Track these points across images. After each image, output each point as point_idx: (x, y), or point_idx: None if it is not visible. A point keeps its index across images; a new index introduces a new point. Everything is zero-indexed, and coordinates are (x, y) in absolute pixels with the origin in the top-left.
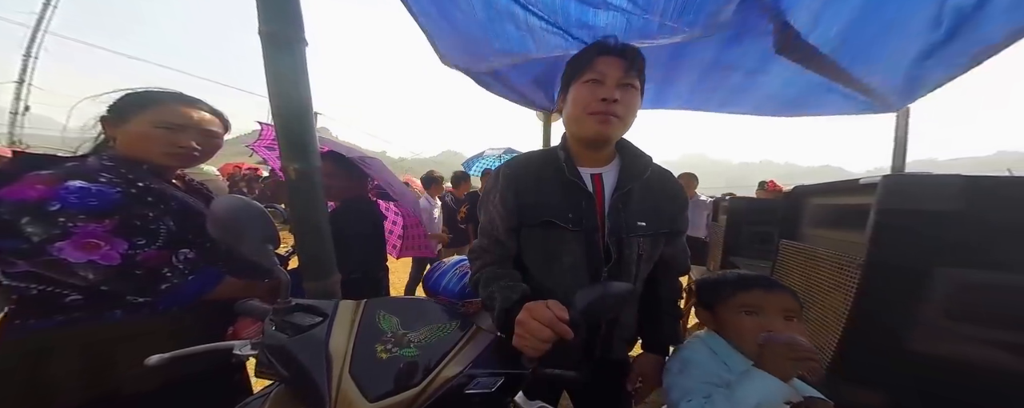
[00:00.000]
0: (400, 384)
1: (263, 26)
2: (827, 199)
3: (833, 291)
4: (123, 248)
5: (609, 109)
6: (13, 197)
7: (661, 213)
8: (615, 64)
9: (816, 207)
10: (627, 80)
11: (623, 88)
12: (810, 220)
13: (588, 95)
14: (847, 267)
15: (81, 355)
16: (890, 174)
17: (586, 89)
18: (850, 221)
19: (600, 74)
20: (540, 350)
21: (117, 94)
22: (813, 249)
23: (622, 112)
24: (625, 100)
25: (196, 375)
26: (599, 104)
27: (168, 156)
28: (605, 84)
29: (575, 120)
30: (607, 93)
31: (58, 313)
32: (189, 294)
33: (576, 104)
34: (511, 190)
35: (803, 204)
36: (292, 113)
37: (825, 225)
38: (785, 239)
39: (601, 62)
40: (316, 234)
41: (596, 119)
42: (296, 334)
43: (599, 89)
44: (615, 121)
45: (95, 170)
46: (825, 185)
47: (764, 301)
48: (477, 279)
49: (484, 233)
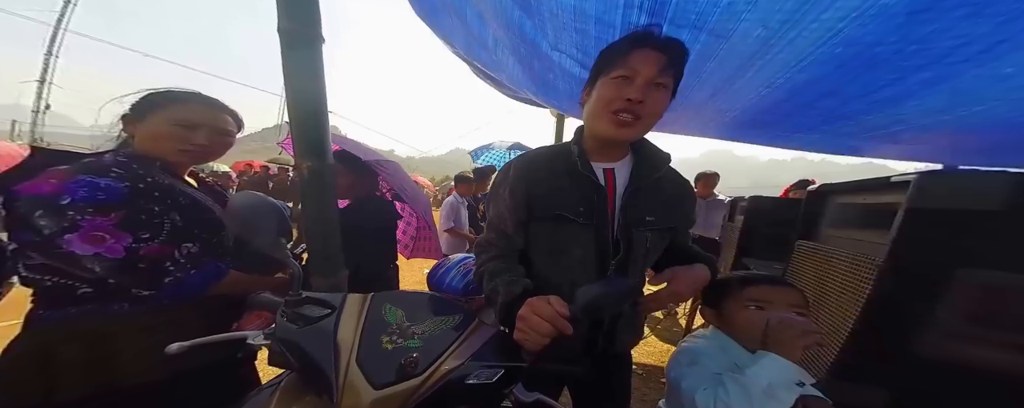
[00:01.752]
0: (404, 373)
1: (282, 23)
2: (852, 198)
3: (845, 292)
4: (127, 242)
5: (632, 109)
6: (29, 191)
7: (670, 209)
8: (651, 60)
9: (839, 206)
10: (660, 79)
11: (653, 88)
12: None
13: (614, 93)
14: (864, 268)
15: (90, 345)
16: (926, 171)
17: (614, 86)
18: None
19: (632, 71)
20: (540, 344)
21: (139, 94)
22: (829, 249)
23: (645, 114)
24: (651, 101)
25: (200, 367)
26: (623, 104)
27: (181, 153)
28: (634, 82)
29: (595, 117)
30: (634, 93)
31: (71, 304)
32: (192, 287)
33: (599, 100)
34: (522, 183)
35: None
36: (307, 111)
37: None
38: (802, 240)
39: (636, 57)
40: (326, 231)
41: (615, 121)
42: (306, 325)
43: (627, 87)
44: (635, 124)
45: (107, 166)
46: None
47: (772, 295)
48: (482, 272)
49: (491, 227)
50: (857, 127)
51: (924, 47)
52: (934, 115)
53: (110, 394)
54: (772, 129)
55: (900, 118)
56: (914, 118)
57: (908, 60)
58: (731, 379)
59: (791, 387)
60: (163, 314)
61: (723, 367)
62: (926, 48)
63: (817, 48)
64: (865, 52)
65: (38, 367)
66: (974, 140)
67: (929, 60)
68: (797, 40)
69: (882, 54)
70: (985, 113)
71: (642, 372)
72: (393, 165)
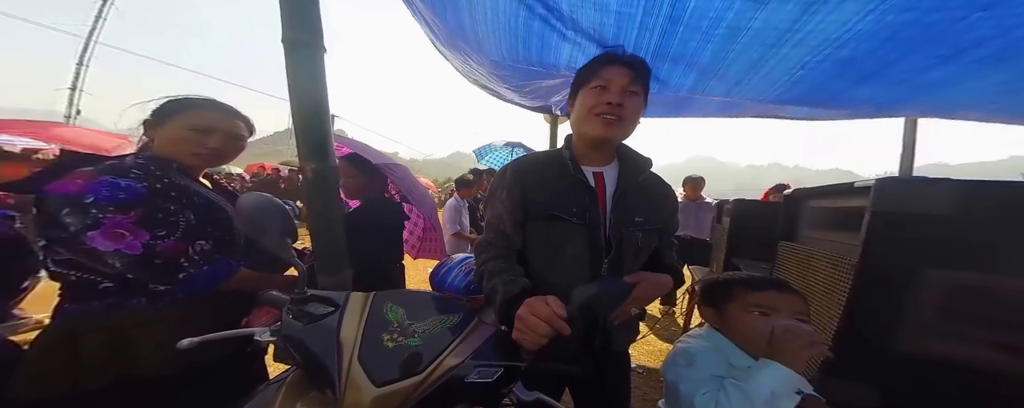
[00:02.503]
0: (405, 371)
1: (286, 34)
2: (824, 202)
3: (829, 292)
4: (144, 239)
5: (613, 111)
6: (57, 191)
7: (655, 211)
8: (621, 73)
9: (814, 210)
10: (632, 87)
11: (627, 94)
12: (808, 222)
13: (595, 99)
14: (842, 268)
15: (110, 339)
16: (883, 177)
17: (593, 94)
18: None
19: (606, 81)
20: (537, 344)
21: (161, 101)
22: (810, 250)
23: (625, 115)
24: (629, 105)
25: (215, 361)
26: (604, 107)
27: (196, 156)
28: (610, 90)
29: (582, 121)
30: (612, 97)
31: (94, 298)
32: (204, 283)
33: (583, 107)
34: (518, 185)
35: (801, 207)
36: (311, 115)
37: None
38: (784, 241)
39: (608, 70)
40: (331, 231)
41: (601, 120)
42: (310, 323)
43: (605, 94)
44: (618, 123)
45: (128, 167)
46: (822, 188)
47: (778, 301)
48: (482, 272)
49: (490, 227)
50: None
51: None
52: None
53: (130, 384)
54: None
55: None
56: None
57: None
58: (733, 385)
59: (792, 396)
60: (178, 309)
61: (720, 368)
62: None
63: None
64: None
65: (64, 358)
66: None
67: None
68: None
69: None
70: None
71: (642, 372)
72: (402, 168)
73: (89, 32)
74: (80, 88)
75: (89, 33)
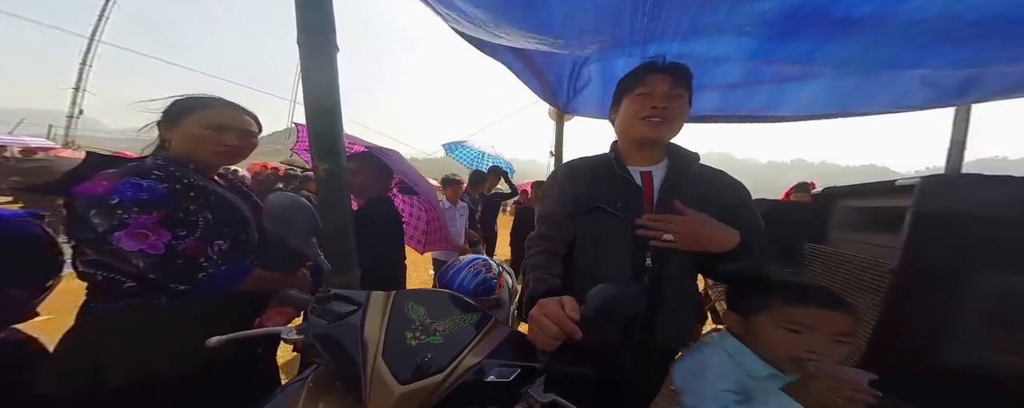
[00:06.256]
0: (428, 369)
1: (301, 36)
2: (860, 201)
3: (863, 295)
4: (166, 239)
5: (659, 114)
6: (85, 192)
7: (709, 201)
8: (663, 79)
9: (847, 210)
10: (675, 92)
11: (671, 98)
12: (838, 223)
13: (639, 105)
14: (877, 271)
15: (132, 337)
16: (929, 175)
17: (638, 100)
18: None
19: (650, 88)
20: (549, 345)
21: (166, 101)
22: (840, 252)
23: (670, 116)
24: (673, 107)
25: (223, 362)
26: (650, 110)
27: (215, 154)
28: (654, 95)
29: (628, 125)
30: (657, 102)
31: (119, 298)
32: (222, 283)
33: (628, 113)
34: (569, 183)
35: (832, 207)
36: (324, 115)
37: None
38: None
39: (651, 78)
40: (342, 231)
41: (647, 123)
42: (334, 321)
43: (649, 99)
44: (664, 124)
45: (149, 168)
46: (857, 187)
47: (818, 320)
48: (526, 265)
49: (542, 220)
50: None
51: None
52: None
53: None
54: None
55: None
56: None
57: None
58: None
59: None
60: (196, 308)
61: (732, 381)
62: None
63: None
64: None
65: (90, 356)
66: None
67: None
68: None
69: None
70: None
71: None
72: (395, 153)
73: (92, 32)
74: (83, 88)
75: (91, 34)
